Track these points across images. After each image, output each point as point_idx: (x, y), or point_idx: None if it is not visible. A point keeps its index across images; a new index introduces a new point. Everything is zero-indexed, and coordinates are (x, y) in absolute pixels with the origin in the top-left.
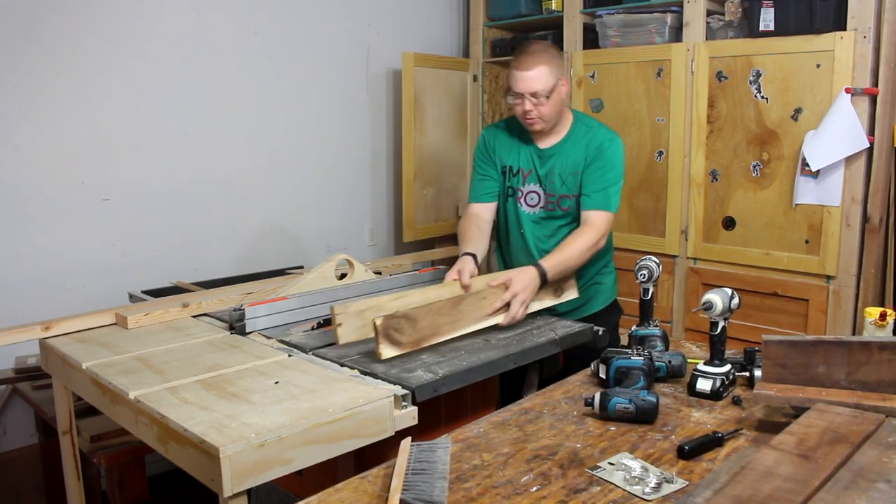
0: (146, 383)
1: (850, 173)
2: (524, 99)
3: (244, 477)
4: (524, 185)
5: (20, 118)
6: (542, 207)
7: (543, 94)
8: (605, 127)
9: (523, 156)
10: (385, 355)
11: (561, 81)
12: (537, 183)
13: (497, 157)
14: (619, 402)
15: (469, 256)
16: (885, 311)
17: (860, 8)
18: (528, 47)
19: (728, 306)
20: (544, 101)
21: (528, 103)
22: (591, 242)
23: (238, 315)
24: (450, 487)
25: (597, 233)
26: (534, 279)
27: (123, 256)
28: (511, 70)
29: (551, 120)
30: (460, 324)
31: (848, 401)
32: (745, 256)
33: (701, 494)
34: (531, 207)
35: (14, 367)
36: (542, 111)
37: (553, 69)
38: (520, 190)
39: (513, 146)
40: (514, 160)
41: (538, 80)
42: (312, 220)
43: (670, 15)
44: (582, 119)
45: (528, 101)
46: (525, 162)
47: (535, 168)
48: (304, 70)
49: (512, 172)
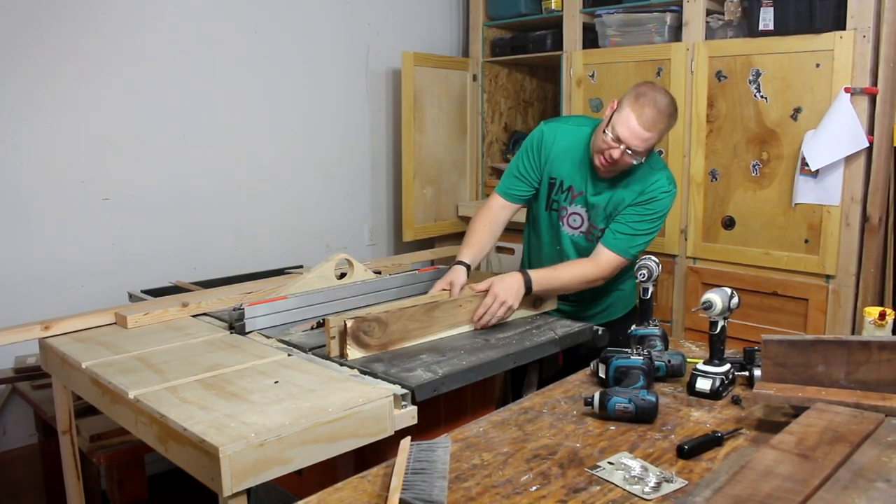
0: (146, 383)
1: (850, 173)
2: (620, 148)
3: (244, 476)
4: (571, 204)
5: (19, 118)
6: (583, 233)
7: (642, 156)
8: (667, 172)
9: (579, 176)
10: (352, 356)
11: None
12: (584, 206)
13: (548, 166)
14: (619, 402)
15: (462, 267)
16: (885, 310)
17: (860, 7)
18: (659, 102)
19: (727, 306)
20: (634, 162)
21: (618, 153)
22: (590, 278)
23: (237, 315)
24: (449, 487)
25: (600, 272)
26: (517, 283)
27: (123, 256)
28: (627, 111)
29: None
30: (430, 329)
31: (847, 400)
32: (745, 256)
33: (700, 494)
34: (573, 229)
35: (14, 367)
36: (625, 166)
37: (664, 134)
38: (564, 208)
39: (571, 161)
40: (567, 175)
41: (648, 143)
42: (312, 219)
43: (670, 14)
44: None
45: (621, 152)
46: (579, 182)
47: (587, 194)
48: (304, 69)
49: (561, 188)
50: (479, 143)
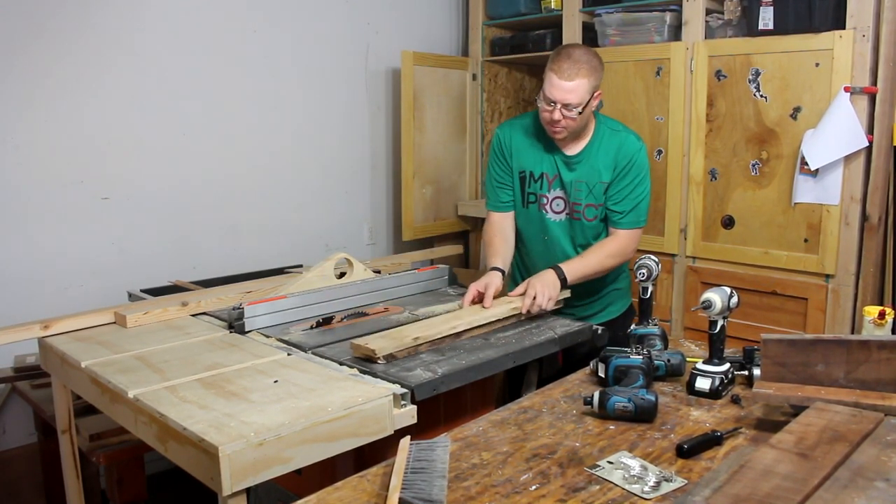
0: (145, 382)
1: (849, 172)
2: (555, 108)
3: (243, 476)
4: (549, 191)
5: (18, 117)
6: (568, 215)
7: (577, 107)
8: (630, 132)
9: (546, 161)
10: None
11: (596, 93)
12: (561, 189)
13: (514, 162)
14: (619, 401)
15: (497, 272)
16: (884, 309)
17: (859, 7)
18: (573, 53)
19: (727, 305)
20: (576, 116)
21: (559, 113)
22: (615, 253)
23: (237, 314)
24: (449, 486)
25: (624, 247)
26: (552, 277)
27: (122, 255)
28: (548, 73)
29: (577, 131)
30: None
31: (847, 399)
32: (744, 255)
33: (700, 493)
34: (557, 214)
35: (13, 366)
36: (571, 123)
37: (592, 82)
38: (544, 196)
39: (534, 150)
40: (535, 165)
41: (575, 92)
42: (311, 218)
43: (669, 14)
44: (605, 122)
45: (559, 112)
46: (549, 167)
47: (561, 175)
48: (303, 69)
49: (533, 178)
50: (478, 143)
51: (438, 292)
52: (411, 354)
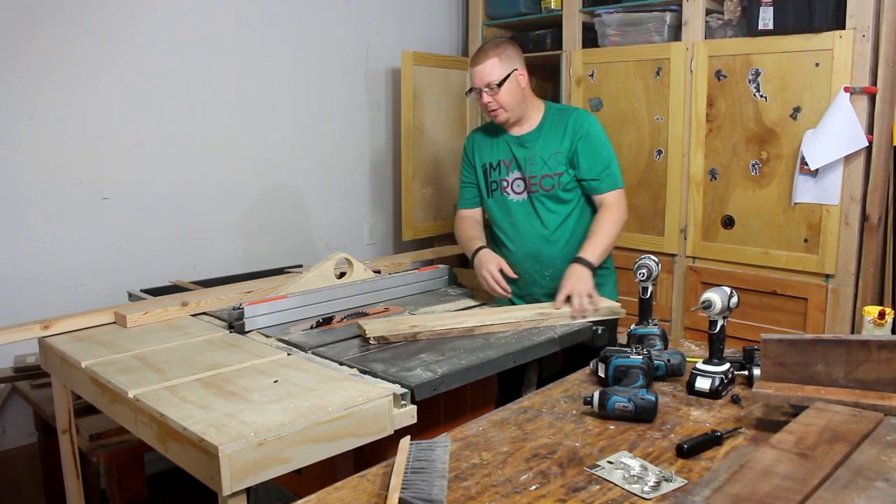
0: (145, 382)
1: (849, 172)
2: (481, 92)
3: (243, 475)
4: (508, 174)
5: (18, 117)
6: (528, 192)
7: (496, 83)
8: (577, 108)
9: (501, 148)
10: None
11: (517, 71)
12: (518, 169)
13: (476, 159)
14: (618, 401)
15: (486, 248)
16: (884, 309)
17: (859, 7)
18: (483, 45)
19: (727, 305)
20: (498, 90)
21: (486, 95)
22: (614, 219)
23: (237, 314)
24: (449, 486)
25: (617, 209)
26: (581, 270)
27: (122, 255)
28: (468, 70)
29: (513, 108)
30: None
31: (846, 399)
32: (744, 255)
33: (700, 493)
34: (518, 195)
35: (13, 366)
36: (501, 100)
37: (504, 60)
38: (505, 180)
39: (491, 143)
40: (493, 156)
41: (489, 71)
42: (311, 218)
43: (669, 14)
44: (553, 106)
45: (485, 94)
46: (504, 153)
47: (515, 155)
48: (303, 68)
49: (492, 167)
50: None
51: (438, 292)
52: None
